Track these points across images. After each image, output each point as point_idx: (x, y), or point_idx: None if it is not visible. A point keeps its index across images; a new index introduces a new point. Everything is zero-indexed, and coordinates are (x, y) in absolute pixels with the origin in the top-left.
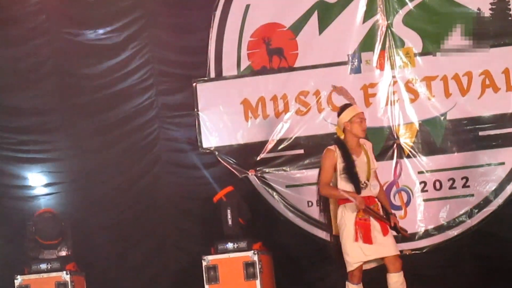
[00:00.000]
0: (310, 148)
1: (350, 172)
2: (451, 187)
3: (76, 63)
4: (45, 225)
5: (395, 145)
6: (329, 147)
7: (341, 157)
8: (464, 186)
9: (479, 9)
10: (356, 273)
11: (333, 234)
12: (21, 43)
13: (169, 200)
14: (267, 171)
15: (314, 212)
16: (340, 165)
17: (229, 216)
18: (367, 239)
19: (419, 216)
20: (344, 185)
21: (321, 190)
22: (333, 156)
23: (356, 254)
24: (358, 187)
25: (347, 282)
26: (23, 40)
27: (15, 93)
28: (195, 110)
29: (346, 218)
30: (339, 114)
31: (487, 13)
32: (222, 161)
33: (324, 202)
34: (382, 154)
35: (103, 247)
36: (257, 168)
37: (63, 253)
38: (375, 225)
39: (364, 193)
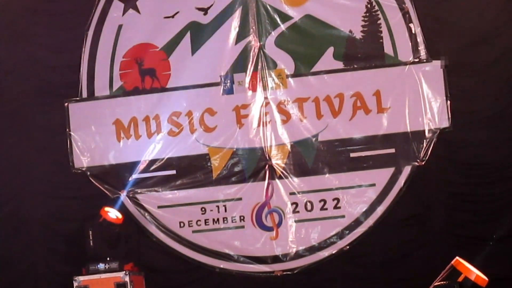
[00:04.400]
0: (182, 169)
1: None
2: (322, 208)
3: None
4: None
5: (267, 166)
6: None
7: None
8: (336, 207)
9: (351, 31)
10: None
11: None
12: None
13: (40, 221)
14: (139, 191)
15: (186, 232)
16: None
17: (90, 237)
18: None
19: (291, 237)
20: None
21: None
22: None
23: None
24: None
25: None
26: None
27: None
28: (67, 130)
29: None
30: None
31: (358, 35)
32: (94, 182)
33: None
34: (254, 175)
35: None
36: (129, 189)
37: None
38: None
39: None
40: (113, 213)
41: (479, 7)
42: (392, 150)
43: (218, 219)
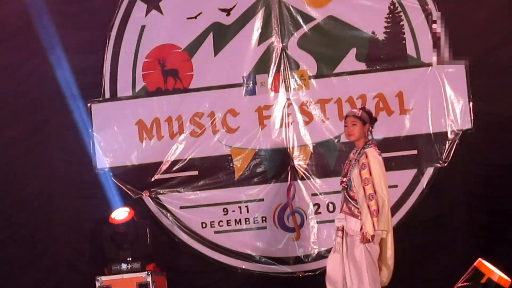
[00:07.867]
0: (205, 170)
1: None
2: None
3: None
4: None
5: (289, 167)
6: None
7: None
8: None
9: (373, 32)
10: None
11: None
12: None
13: (63, 221)
14: (161, 192)
15: (208, 233)
16: None
17: (111, 238)
18: None
19: (312, 238)
20: None
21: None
22: None
23: None
24: None
25: None
26: None
27: None
28: (90, 130)
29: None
30: None
31: (381, 36)
32: (117, 182)
33: None
34: (276, 176)
35: None
36: (151, 189)
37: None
38: None
39: None
40: (120, 214)
41: (502, 8)
42: (415, 152)
43: (240, 220)
